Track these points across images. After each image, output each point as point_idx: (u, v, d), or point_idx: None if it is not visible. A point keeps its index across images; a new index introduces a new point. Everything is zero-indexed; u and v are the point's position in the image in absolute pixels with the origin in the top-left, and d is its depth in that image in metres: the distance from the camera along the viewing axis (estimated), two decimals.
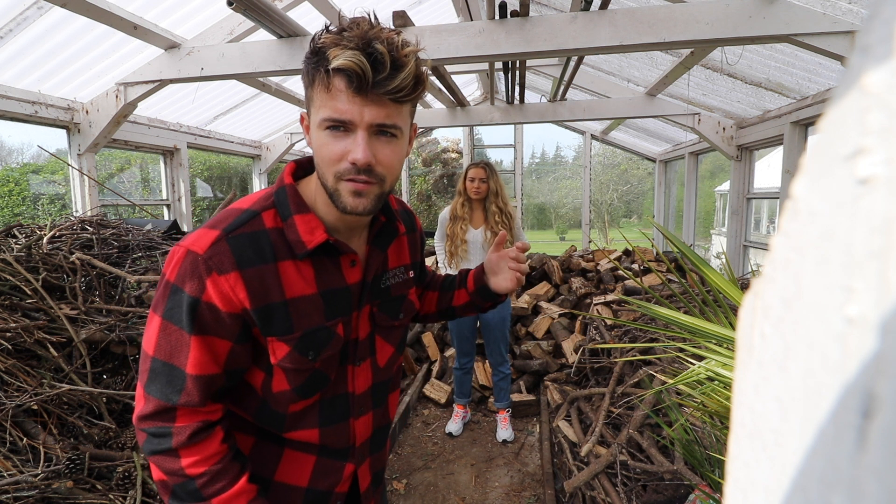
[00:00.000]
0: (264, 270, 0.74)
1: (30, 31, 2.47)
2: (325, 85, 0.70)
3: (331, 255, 0.81)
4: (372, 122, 0.71)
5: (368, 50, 0.67)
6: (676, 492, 1.96)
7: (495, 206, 2.82)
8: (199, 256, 0.72)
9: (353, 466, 0.90)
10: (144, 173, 12.70)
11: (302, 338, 0.78)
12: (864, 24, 0.15)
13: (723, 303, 1.26)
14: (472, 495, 2.55)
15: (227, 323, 0.73)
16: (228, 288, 0.72)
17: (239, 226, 0.75)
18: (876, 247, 0.13)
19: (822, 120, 0.16)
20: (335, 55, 0.67)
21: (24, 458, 1.47)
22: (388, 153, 0.74)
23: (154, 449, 0.74)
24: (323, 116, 0.71)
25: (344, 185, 0.74)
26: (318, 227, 0.78)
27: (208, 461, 0.74)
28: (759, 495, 0.18)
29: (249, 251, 0.74)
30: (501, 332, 2.97)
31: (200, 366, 0.73)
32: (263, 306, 0.74)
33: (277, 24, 2.39)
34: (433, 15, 4.28)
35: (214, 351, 0.74)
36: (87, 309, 1.96)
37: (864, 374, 0.13)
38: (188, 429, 0.74)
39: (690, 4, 2.21)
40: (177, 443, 0.73)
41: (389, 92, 0.70)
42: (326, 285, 0.81)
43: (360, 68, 0.67)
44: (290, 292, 0.77)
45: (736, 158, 4.14)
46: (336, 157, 0.72)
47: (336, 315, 0.82)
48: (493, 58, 2.49)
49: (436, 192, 10.36)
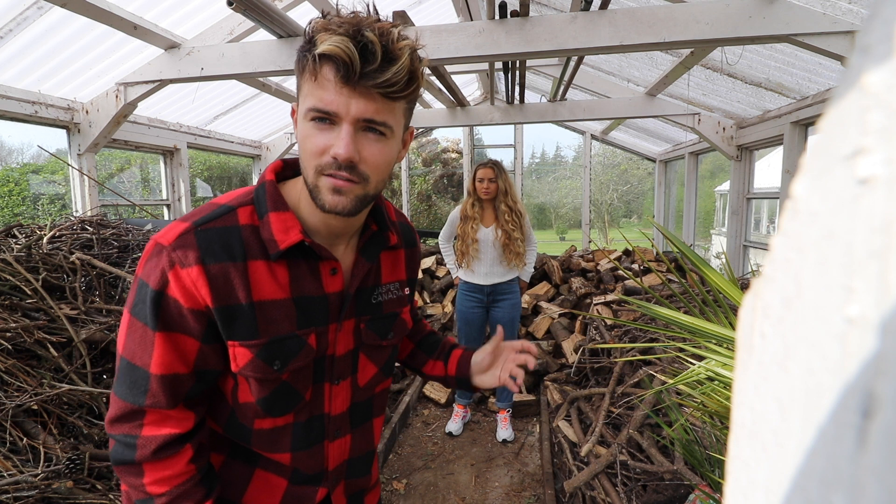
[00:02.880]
0: (230, 268, 0.69)
1: (30, 31, 2.47)
2: (312, 72, 0.66)
3: (308, 260, 0.76)
4: (359, 117, 0.66)
5: (358, 37, 0.63)
6: (676, 492, 1.96)
7: (505, 206, 2.83)
8: (164, 248, 0.68)
9: (325, 491, 0.85)
10: (144, 173, 12.71)
11: (268, 345, 0.72)
12: (864, 24, 0.15)
13: (723, 303, 1.26)
14: (472, 495, 2.55)
15: (189, 320, 0.69)
16: (190, 283, 0.67)
17: (211, 220, 0.71)
18: (876, 247, 0.13)
19: (822, 120, 0.16)
20: (322, 40, 0.63)
21: (24, 458, 1.47)
22: (374, 151, 0.69)
23: (118, 459, 0.70)
24: (308, 106, 0.67)
25: (324, 181, 0.68)
26: (295, 226, 0.73)
27: (171, 481, 0.70)
28: (759, 495, 0.18)
29: (216, 246, 0.69)
30: (511, 333, 2.99)
31: (165, 365, 0.69)
32: (225, 306, 0.69)
33: (277, 24, 2.40)
34: (433, 15, 4.28)
35: (181, 349, 0.69)
36: (87, 309, 1.97)
37: (864, 374, 0.13)
38: (153, 442, 0.69)
39: (690, 4, 2.21)
40: (140, 456, 0.69)
41: (380, 85, 0.65)
42: (301, 291, 0.75)
43: (347, 55, 0.62)
44: (257, 295, 0.71)
45: (736, 158, 4.14)
46: (318, 151, 0.67)
47: (309, 324, 0.76)
48: (493, 58, 2.49)
49: (436, 192, 10.36)
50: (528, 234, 2.93)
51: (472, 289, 2.95)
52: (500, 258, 2.87)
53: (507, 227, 2.80)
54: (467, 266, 2.91)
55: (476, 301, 2.95)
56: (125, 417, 0.70)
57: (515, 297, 2.97)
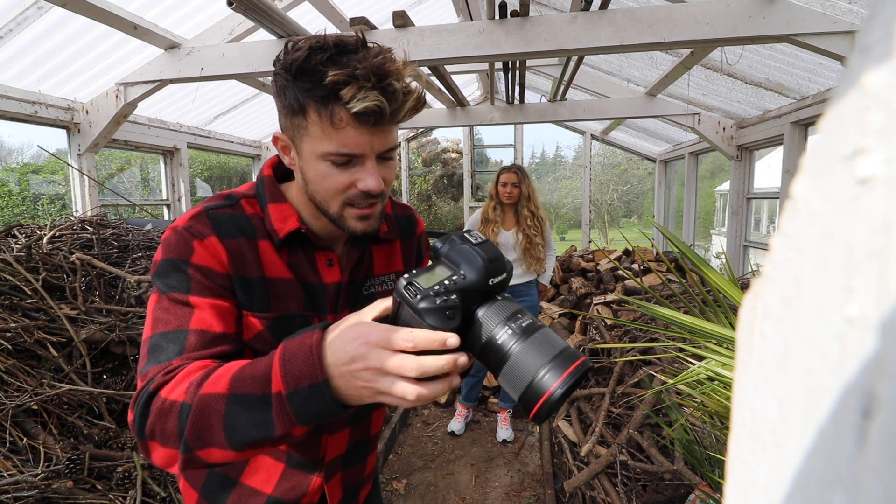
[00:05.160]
0: (243, 244, 0.73)
1: (30, 31, 2.47)
2: (329, 119, 0.66)
3: (306, 249, 0.79)
4: (380, 151, 0.71)
5: (387, 90, 0.64)
6: (676, 492, 1.96)
7: (527, 211, 2.85)
8: (180, 228, 0.71)
9: (320, 480, 0.85)
10: (144, 173, 12.72)
11: (278, 320, 0.75)
12: (864, 24, 0.15)
13: (723, 303, 1.26)
14: (472, 495, 2.55)
15: (221, 283, 0.70)
16: (213, 249, 0.70)
17: (220, 207, 0.75)
18: (876, 247, 0.13)
19: (822, 120, 0.16)
20: (353, 96, 0.63)
21: (24, 458, 1.47)
22: (388, 173, 0.74)
23: (140, 411, 0.61)
24: (327, 150, 0.68)
25: (350, 212, 0.73)
26: (292, 215, 0.76)
27: (189, 376, 0.62)
28: (759, 495, 0.18)
29: (229, 225, 0.73)
30: None
31: (205, 322, 0.68)
32: (242, 276, 0.72)
33: (277, 24, 2.39)
34: (433, 15, 4.28)
35: (219, 310, 0.70)
36: (87, 309, 1.97)
37: (864, 374, 0.13)
38: (165, 369, 0.64)
39: (690, 4, 2.21)
40: (156, 385, 0.62)
41: (398, 121, 0.70)
42: (303, 278, 0.78)
43: (379, 109, 0.65)
44: (269, 272, 0.75)
45: (736, 158, 4.14)
46: (343, 187, 0.71)
47: (314, 308, 0.79)
48: (493, 58, 2.49)
49: (436, 192, 10.36)
50: (548, 240, 2.96)
51: None
52: (520, 261, 2.89)
53: (529, 231, 2.83)
54: None
55: None
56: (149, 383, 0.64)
57: (533, 299, 2.99)
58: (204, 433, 0.58)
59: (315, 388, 0.56)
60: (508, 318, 0.55)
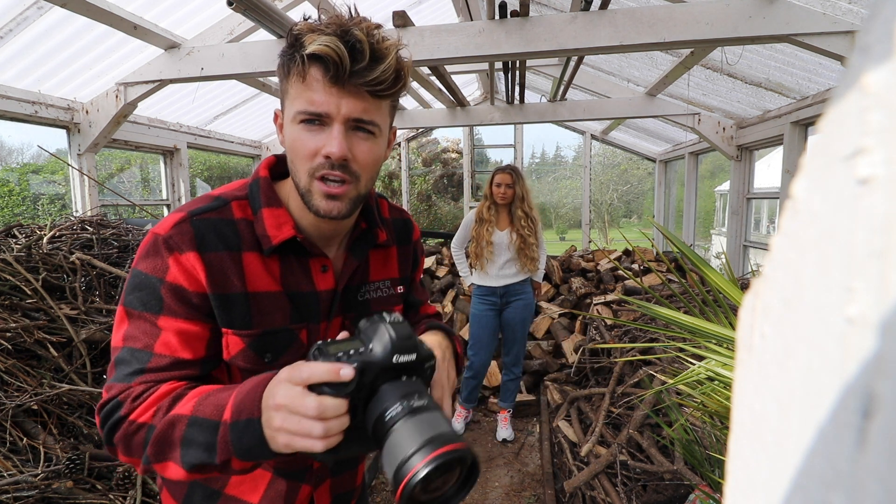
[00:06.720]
0: (225, 258, 0.70)
1: (30, 31, 2.47)
2: (300, 74, 0.66)
3: (299, 256, 0.76)
4: (349, 116, 0.67)
5: (346, 37, 0.64)
6: (676, 492, 1.96)
7: (521, 211, 2.87)
8: (159, 237, 0.69)
9: (309, 488, 0.84)
10: (144, 173, 12.72)
11: (260, 336, 0.73)
12: (864, 24, 0.15)
13: (723, 303, 1.26)
14: (472, 495, 2.55)
15: (195, 303, 0.68)
16: (190, 266, 0.68)
17: (206, 211, 0.72)
18: (876, 247, 0.13)
19: (822, 120, 0.16)
20: (311, 41, 0.64)
21: (24, 458, 1.47)
22: (364, 150, 0.70)
23: (108, 428, 0.65)
24: (297, 109, 0.67)
25: (317, 186, 0.69)
26: (287, 222, 0.74)
27: (158, 401, 0.65)
28: (759, 495, 0.18)
29: (212, 235, 0.70)
30: (522, 333, 3.02)
31: (170, 347, 0.67)
32: (221, 294, 0.70)
33: (277, 24, 2.39)
34: (433, 15, 4.28)
35: (186, 334, 0.69)
36: (87, 309, 1.97)
37: (864, 374, 0.13)
38: (135, 391, 0.66)
39: (690, 4, 2.21)
40: (125, 411, 0.64)
41: (368, 83, 0.66)
42: (293, 287, 0.76)
43: (337, 55, 0.63)
44: (252, 286, 0.72)
45: (736, 158, 4.14)
46: (310, 153, 0.68)
47: (302, 320, 0.77)
48: (493, 58, 2.49)
49: (436, 192, 10.36)
50: (540, 239, 2.99)
51: (486, 292, 2.97)
52: (513, 261, 2.91)
53: (524, 232, 2.85)
54: (481, 268, 2.93)
55: (490, 304, 2.97)
56: (112, 399, 0.67)
57: (528, 298, 3.00)
58: (164, 449, 0.62)
59: (250, 423, 0.58)
60: (403, 397, 0.55)
